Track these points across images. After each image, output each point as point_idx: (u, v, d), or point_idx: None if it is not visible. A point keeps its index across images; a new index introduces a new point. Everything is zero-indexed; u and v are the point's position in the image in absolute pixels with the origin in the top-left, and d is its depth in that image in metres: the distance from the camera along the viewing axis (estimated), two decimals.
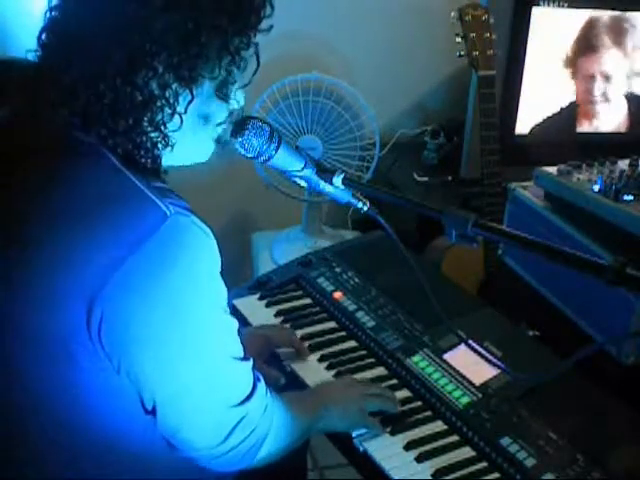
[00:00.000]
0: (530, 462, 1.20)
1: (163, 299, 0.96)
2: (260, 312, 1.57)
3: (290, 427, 1.18)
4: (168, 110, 0.99)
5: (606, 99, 2.55)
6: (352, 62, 2.77)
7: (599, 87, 2.52)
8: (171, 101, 0.99)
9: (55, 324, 0.97)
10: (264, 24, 1.06)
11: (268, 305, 1.58)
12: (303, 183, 1.23)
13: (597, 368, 1.31)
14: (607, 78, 2.51)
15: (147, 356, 0.98)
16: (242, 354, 1.08)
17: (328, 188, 1.21)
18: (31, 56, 1.05)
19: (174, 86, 0.99)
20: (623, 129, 2.62)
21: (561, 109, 2.54)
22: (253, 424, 1.09)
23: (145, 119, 0.99)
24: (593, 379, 1.36)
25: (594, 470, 1.18)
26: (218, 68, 1.01)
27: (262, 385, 1.12)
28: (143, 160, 1.02)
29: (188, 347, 1.00)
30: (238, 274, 2.93)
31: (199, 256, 0.98)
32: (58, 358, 0.99)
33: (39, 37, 1.03)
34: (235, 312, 1.56)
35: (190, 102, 1.01)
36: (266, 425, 1.12)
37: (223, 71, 1.02)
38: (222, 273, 1.05)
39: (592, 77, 2.50)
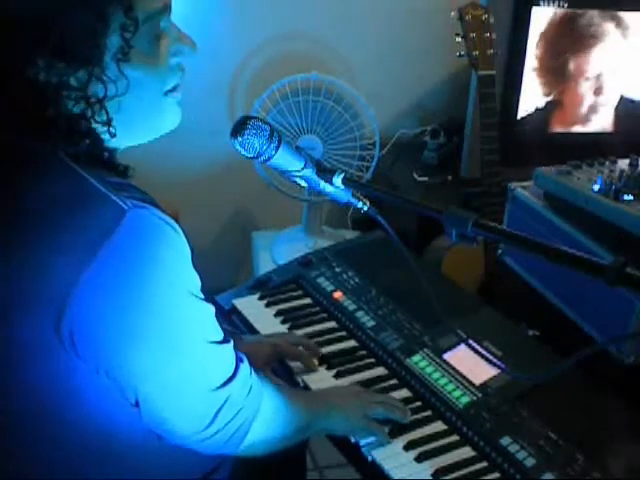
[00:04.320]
0: (530, 462, 1.20)
1: (133, 295, 0.95)
2: (260, 312, 1.57)
3: (283, 414, 1.17)
4: (72, 101, 0.97)
5: (601, 99, 2.56)
6: (352, 62, 2.77)
7: (595, 86, 2.53)
8: (71, 89, 0.96)
9: (27, 330, 0.96)
10: None
11: (268, 305, 1.58)
12: (303, 183, 1.23)
13: (597, 368, 1.31)
14: (600, 77, 2.51)
15: (124, 354, 0.97)
16: (220, 337, 1.07)
17: (328, 188, 1.21)
18: None
19: (64, 73, 0.95)
20: (617, 129, 2.62)
21: (559, 107, 2.55)
22: (238, 405, 1.08)
23: (54, 112, 0.96)
24: (593, 379, 1.36)
25: (594, 470, 1.18)
26: (102, 41, 0.96)
27: (245, 366, 1.11)
28: (86, 149, 1.00)
29: (164, 339, 0.99)
30: (238, 274, 2.93)
31: (162, 246, 0.97)
32: (36, 362, 0.99)
33: None
34: (235, 312, 1.57)
35: (87, 82, 0.96)
36: (253, 406, 1.11)
37: (111, 43, 0.96)
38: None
39: (585, 76, 2.50)
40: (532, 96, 2.48)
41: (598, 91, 2.54)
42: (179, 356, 1.01)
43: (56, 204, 0.96)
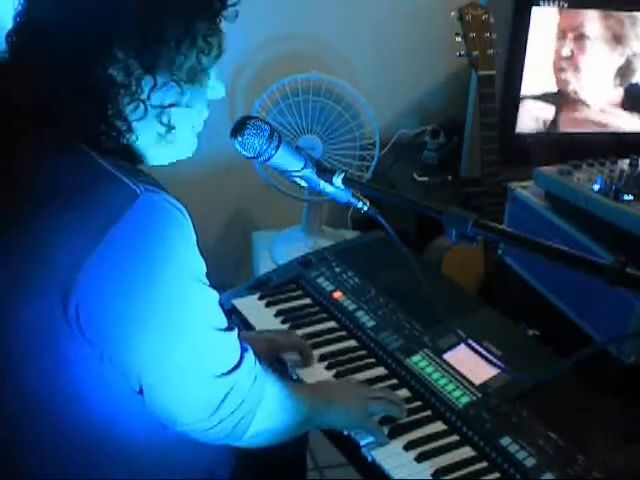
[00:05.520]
0: (530, 462, 1.20)
1: (140, 279, 0.96)
2: (260, 312, 1.56)
3: (286, 405, 1.17)
4: (130, 98, 1.00)
5: (605, 98, 2.56)
6: (352, 62, 2.77)
7: (598, 86, 2.53)
8: (133, 88, 0.99)
9: (34, 314, 0.97)
10: (230, 10, 1.06)
11: (268, 305, 1.58)
12: (303, 183, 1.23)
13: (597, 368, 1.31)
14: (600, 77, 2.52)
15: (129, 338, 0.98)
16: (225, 324, 1.07)
17: (328, 188, 1.21)
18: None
19: (136, 73, 0.99)
20: (620, 129, 2.62)
21: (559, 107, 2.55)
22: (243, 394, 1.08)
23: (109, 107, 0.99)
24: (593, 379, 1.36)
25: (594, 470, 1.18)
26: (180, 54, 1.01)
27: (250, 355, 1.11)
28: (109, 147, 1.02)
29: (170, 324, 0.99)
30: (238, 274, 2.93)
31: (173, 232, 0.98)
32: (41, 349, 0.99)
33: (7, 38, 1.04)
34: (235, 312, 1.56)
35: (153, 88, 1.00)
36: (257, 396, 1.11)
37: (185, 57, 1.02)
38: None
39: (589, 75, 2.51)
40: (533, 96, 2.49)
41: (601, 90, 2.55)
42: (183, 340, 1.01)
43: (68, 185, 0.97)
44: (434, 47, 2.73)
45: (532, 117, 2.52)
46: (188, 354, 1.02)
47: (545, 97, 2.51)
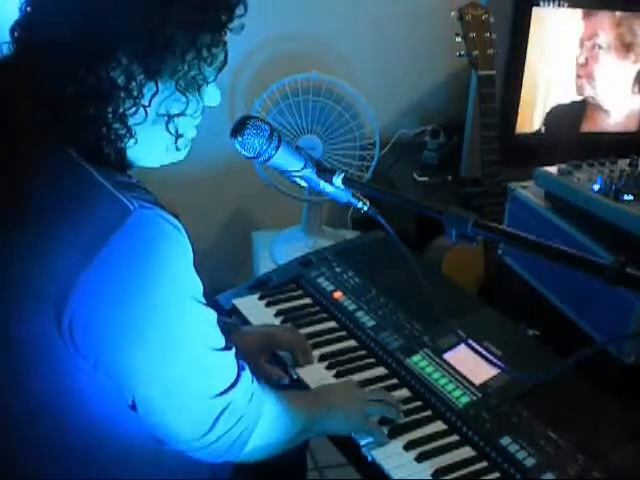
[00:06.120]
0: (530, 462, 1.20)
1: (134, 295, 0.95)
2: (260, 312, 1.56)
3: (283, 420, 1.17)
4: (131, 102, 1.00)
5: (609, 99, 2.56)
6: (352, 62, 2.77)
7: (602, 86, 2.53)
8: (135, 93, 0.99)
9: (28, 325, 0.97)
10: (236, 22, 1.06)
11: (268, 305, 1.58)
12: (303, 183, 1.23)
13: (597, 368, 1.31)
14: (609, 78, 2.52)
15: (122, 352, 0.97)
16: (222, 344, 1.07)
17: (328, 188, 1.21)
18: (5, 48, 1.05)
19: (139, 78, 0.99)
20: (627, 129, 2.62)
21: (561, 108, 2.55)
22: (238, 413, 1.07)
23: (109, 110, 0.99)
24: (593, 379, 1.36)
25: (594, 470, 1.18)
26: (184, 63, 1.01)
27: (247, 374, 1.10)
28: (106, 151, 1.01)
29: (164, 340, 0.99)
30: (238, 274, 2.93)
31: (166, 247, 0.97)
32: (41, 355, 0.99)
33: (12, 32, 1.04)
34: (235, 312, 1.57)
35: (154, 94, 1.00)
36: (253, 414, 1.10)
37: (189, 66, 1.02)
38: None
39: (594, 76, 2.51)
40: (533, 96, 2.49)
41: (615, 93, 2.55)
42: (179, 360, 1.01)
43: (61, 198, 0.97)
44: (434, 47, 2.73)
45: (532, 117, 2.52)
46: (183, 372, 1.01)
47: (545, 97, 2.51)
